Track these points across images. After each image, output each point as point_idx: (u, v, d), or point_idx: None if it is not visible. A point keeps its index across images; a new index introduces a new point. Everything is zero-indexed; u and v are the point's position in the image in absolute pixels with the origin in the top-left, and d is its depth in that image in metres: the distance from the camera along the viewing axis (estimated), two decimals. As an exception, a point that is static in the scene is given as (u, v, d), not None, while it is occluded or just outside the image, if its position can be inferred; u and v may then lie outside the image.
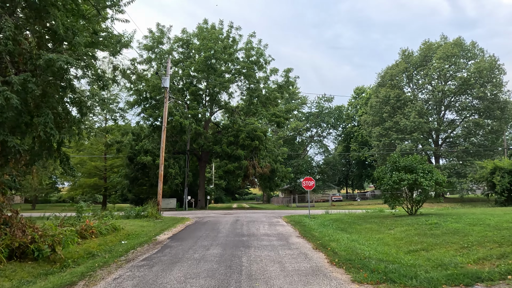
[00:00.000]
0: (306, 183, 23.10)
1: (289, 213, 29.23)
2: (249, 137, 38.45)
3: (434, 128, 46.12)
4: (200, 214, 28.30)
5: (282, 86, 44.71)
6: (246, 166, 38.18)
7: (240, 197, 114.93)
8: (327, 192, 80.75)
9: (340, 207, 40.00)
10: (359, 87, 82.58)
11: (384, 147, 48.00)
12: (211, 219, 21.36)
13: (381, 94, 49.09)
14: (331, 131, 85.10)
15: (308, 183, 23.11)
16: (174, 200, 39.52)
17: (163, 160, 25.27)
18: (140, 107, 39.93)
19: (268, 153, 42.56)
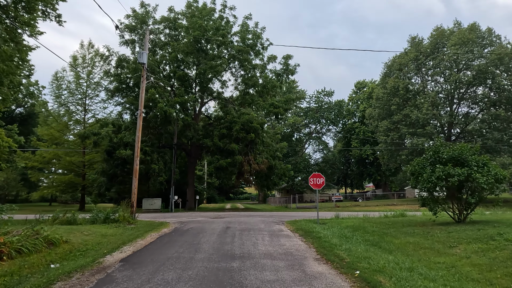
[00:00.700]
0: (315, 180, 18.71)
1: (291, 216, 24.81)
2: (244, 129, 33.98)
3: (448, 122, 41.91)
4: (186, 217, 23.77)
5: (281, 74, 40.29)
6: (240, 162, 33.72)
7: (234, 197, 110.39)
8: (326, 192, 76.56)
9: (346, 209, 35.64)
10: (360, 81, 78.45)
11: (392, 142, 43.74)
12: (195, 226, 16.85)
13: (389, 84, 44.80)
14: (331, 128, 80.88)
15: (317, 180, 18.73)
16: (159, 201, 34.95)
17: (138, 152, 20.71)
18: (122, 95, 35.30)
19: (265, 148, 38.10)
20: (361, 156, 72.90)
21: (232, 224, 17.08)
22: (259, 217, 23.54)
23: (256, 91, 38.78)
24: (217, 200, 73.78)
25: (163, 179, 31.52)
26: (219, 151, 34.37)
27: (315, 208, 37.70)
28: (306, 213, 28.87)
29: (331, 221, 18.98)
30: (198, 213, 29.58)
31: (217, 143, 33.61)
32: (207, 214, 27.28)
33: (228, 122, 34.98)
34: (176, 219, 21.94)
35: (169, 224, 18.35)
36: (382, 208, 36.01)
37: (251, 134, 33.67)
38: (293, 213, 30.49)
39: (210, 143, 34.00)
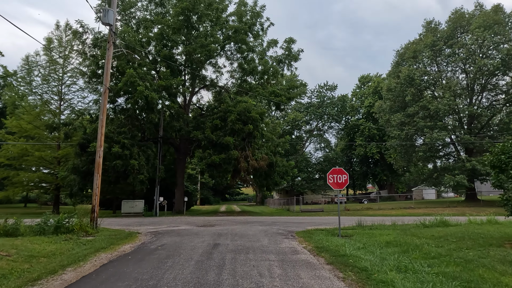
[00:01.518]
0: (335, 178, 13.94)
1: (298, 222, 19.99)
2: (241, 120, 29.14)
3: (471, 113, 37.19)
4: (167, 225, 18.88)
5: (283, 61, 35.53)
6: (236, 158, 28.88)
7: (230, 198, 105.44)
8: (328, 193, 71.80)
9: (358, 213, 30.85)
10: (364, 75, 73.84)
11: (407, 137, 38.98)
12: (169, 242, 11.95)
13: (402, 73, 40.04)
14: (333, 124, 76.10)
15: (338, 178, 13.97)
16: (141, 203, 30.00)
17: (101, 140, 15.85)
18: (99, 81, 30.30)
19: (265, 143, 33.29)
20: (365, 155, 68.22)
21: (223, 238, 12.19)
22: (258, 224, 18.69)
23: (254, 79, 34.00)
24: (211, 202, 68.82)
25: (144, 178, 26.58)
26: (211, 146, 29.51)
27: (321, 211, 32.92)
28: (315, 219, 24.04)
29: (357, 232, 14.16)
30: (185, 218, 24.67)
31: (209, 136, 28.75)
32: (195, 220, 22.38)
33: (222, 111, 30.15)
34: (153, 228, 17.06)
35: (137, 237, 13.49)
36: (400, 212, 31.30)
37: (248, 126, 28.84)
38: (299, 218, 25.65)
39: (201, 136, 29.13)
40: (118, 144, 26.47)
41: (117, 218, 26.60)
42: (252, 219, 23.17)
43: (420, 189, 70.83)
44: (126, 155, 26.06)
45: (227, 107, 29.85)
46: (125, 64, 26.34)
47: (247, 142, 30.35)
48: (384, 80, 69.35)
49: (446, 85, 37.22)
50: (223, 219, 23.94)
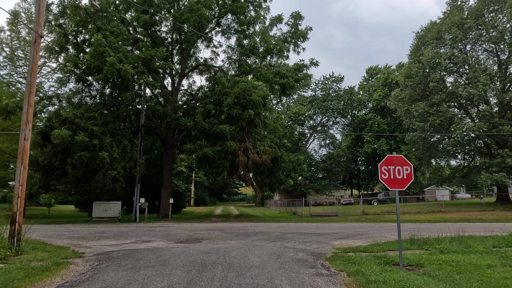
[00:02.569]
0: (391, 172, 8.59)
1: (316, 234, 14.64)
2: (239, 104, 23.78)
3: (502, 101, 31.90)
4: (134, 240, 13.48)
5: (288, 40, 30.17)
6: (233, 150, 23.51)
7: (228, 198, 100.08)
8: (333, 193, 66.51)
9: (381, 218, 25.56)
10: (372, 67, 68.50)
11: (430, 129, 33.68)
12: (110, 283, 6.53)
13: (425, 56, 34.73)
14: (338, 120, 70.79)
15: (398, 171, 8.61)
16: (117, 205, 24.54)
17: (30, 113, 10.48)
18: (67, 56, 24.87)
19: (269, 133, 27.97)
20: (374, 152, 62.96)
21: (206, 279, 6.72)
22: (264, 238, 13.29)
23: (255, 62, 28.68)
24: (207, 202, 63.39)
25: (118, 174, 21.12)
26: (203, 136, 24.14)
27: (335, 216, 27.57)
28: (334, 227, 18.66)
29: (424, 258, 8.80)
30: (167, 227, 19.27)
31: (201, 123, 23.35)
32: (179, 230, 16.98)
33: (217, 94, 24.76)
34: (113, 244, 11.75)
35: (68, 267, 8.15)
36: (432, 217, 26.01)
37: (248, 111, 23.46)
38: (312, 225, 20.28)
39: (191, 124, 23.73)
40: (86, 132, 21.06)
41: (83, 224, 21.18)
42: (253, 228, 17.78)
43: (432, 189, 65.65)
44: (94, 146, 20.62)
45: (222, 89, 24.49)
46: (94, 31, 20.89)
47: (247, 131, 24.98)
48: (394, 71, 64.26)
49: (478, 68, 31.92)
50: (216, 227, 18.56)
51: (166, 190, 28.83)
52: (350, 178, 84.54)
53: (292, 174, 27.91)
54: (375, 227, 19.10)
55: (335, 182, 67.79)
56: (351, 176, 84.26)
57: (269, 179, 27.03)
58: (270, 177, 27.04)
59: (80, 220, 24.99)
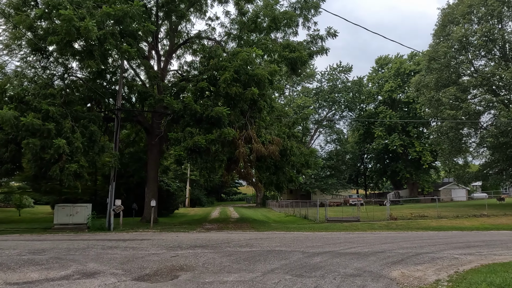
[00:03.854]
0: None
1: (351, 250, 9.53)
2: (239, 80, 18.72)
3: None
4: (73, 269, 8.44)
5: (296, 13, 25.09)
6: (232, 139, 18.51)
7: (227, 197, 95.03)
8: (340, 193, 61.53)
9: (414, 224, 20.58)
10: (382, 57, 63.35)
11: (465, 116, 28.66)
12: None
13: (454, 34, 29.74)
14: (345, 114, 65.75)
15: None
16: (86, 208, 19.35)
17: None
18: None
19: (277, 120, 22.99)
20: (386, 148, 57.94)
21: None
22: (282, 267, 8.14)
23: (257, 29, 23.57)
24: (203, 203, 58.27)
25: (79, 169, 16.06)
26: (195, 121, 19.10)
27: (357, 221, 22.52)
28: (369, 239, 13.57)
29: None
30: (143, 240, 14.22)
31: (191, 105, 18.28)
32: (153, 249, 11.90)
33: (212, 69, 19.69)
34: (26, 282, 6.66)
35: None
36: (477, 223, 21.01)
37: (252, 89, 18.39)
38: (339, 236, 15.24)
39: (179, 106, 18.66)
40: (39, 114, 16.00)
41: (34, 235, 16.10)
42: (261, 244, 12.75)
43: (448, 189, 60.63)
44: (49, 131, 15.55)
45: (218, 62, 19.43)
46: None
47: (249, 116, 19.95)
48: (406, 61, 59.24)
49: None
50: (209, 241, 13.52)
51: (151, 190, 23.82)
52: (356, 177, 79.60)
53: (303, 170, 22.85)
54: (423, 239, 14.12)
55: (342, 181, 62.78)
56: (357, 175, 79.32)
57: (276, 176, 21.98)
58: (277, 174, 22.00)
59: (41, 228, 19.90)
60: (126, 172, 27.23)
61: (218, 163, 19.33)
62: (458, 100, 29.24)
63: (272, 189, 22.55)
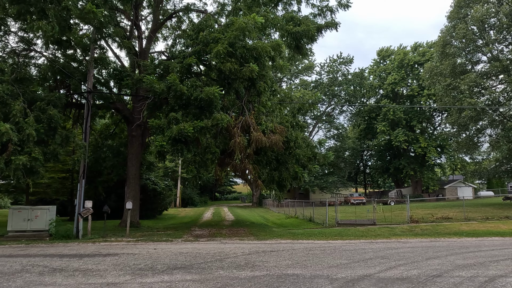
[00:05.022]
0: None
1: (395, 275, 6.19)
2: (235, 54, 15.36)
3: None
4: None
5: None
6: (226, 127, 15.16)
7: (221, 197, 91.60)
8: (340, 192, 58.34)
9: (441, 229, 17.43)
10: (384, 48, 60.16)
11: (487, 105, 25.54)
12: None
13: (475, 12, 26.57)
14: (345, 108, 62.56)
15: None
16: (49, 212, 15.79)
17: None
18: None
19: (279, 105, 19.64)
20: (389, 144, 54.86)
21: None
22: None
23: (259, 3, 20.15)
24: (196, 203, 54.73)
25: (31, 162, 12.57)
26: (181, 105, 15.71)
27: (372, 224, 19.26)
28: (404, 252, 10.22)
29: None
30: (107, 256, 10.78)
31: (176, 86, 14.84)
32: (116, 274, 8.46)
33: (202, 43, 16.25)
34: None
35: None
36: None
37: (250, 66, 15.01)
38: (364, 247, 11.95)
39: (160, 86, 15.21)
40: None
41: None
42: (267, 260, 9.42)
43: (453, 187, 57.66)
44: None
45: (209, 34, 16.01)
46: None
47: (247, 99, 16.56)
48: (409, 52, 56.17)
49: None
50: (195, 255, 10.16)
51: (131, 189, 20.40)
52: (356, 175, 76.56)
53: (310, 165, 19.48)
54: (472, 252, 10.89)
55: (342, 179, 59.64)
56: (356, 173, 76.28)
57: (278, 172, 18.61)
58: (279, 169, 18.64)
59: None
60: (106, 168, 23.76)
61: (209, 156, 15.91)
62: (479, 87, 26.12)
63: (273, 188, 19.21)
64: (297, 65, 58.38)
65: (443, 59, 30.67)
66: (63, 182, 27.90)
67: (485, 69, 26.67)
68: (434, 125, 57.44)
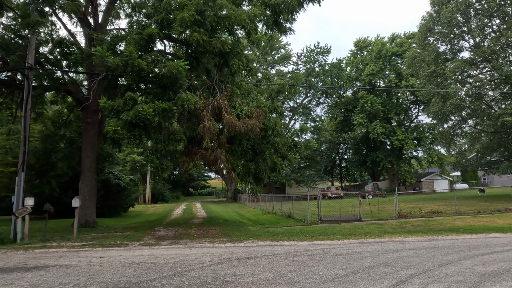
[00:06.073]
0: None
1: None
2: (203, 24, 13.02)
3: None
4: None
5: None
6: (194, 109, 12.86)
7: (195, 191, 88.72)
8: (318, 185, 56.90)
9: (434, 225, 15.84)
10: (362, 39, 58.87)
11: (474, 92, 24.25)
12: None
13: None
14: (322, 100, 61.11)
15: None
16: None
17: None
18: None
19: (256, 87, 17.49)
20: (366, 137, 53.81)
21: None
22: None
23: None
24: (167, 198, 51.91)
25: None
26: (140, 84, 13.26)
27: (358, 221, 17.50)
28: (405, 256, 8.28)
29: None
30: (27, 271, 8.29)
31: (133, 60, 12.36)
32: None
33: (165, 11, 13.78)
34: None
35: None
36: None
37: (222, 37, 12.73)
38: (354, 249, 9.95)
39: (115, 60, 12.69)
40: None
41: None
42: (241, 273, 7.27)
43: (430, 179, 57.38)
44: None
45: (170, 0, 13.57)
46: None
47: (219, 79, 14.28)
48: (387, 43, 55.16)
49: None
50: (148, 267, 7.88)
51: (87, 183, 17.75)
52: (332, 168, 75.62)
53: (290, 156, 17.41)
54: (483, 253, 9.14)
55: (319, 172, 58.30)
56: (332, 166, 75.34)
57: (255, 164, 16.44)
58: (256, 160, 16.48)
59: None
60: (60, 161, 20.89)
61: (173, 144, 13.52)
62: (464, 74, 24.82)
63: (249, 181, 17.06)
64: (274, 54, 56.38)
65: (426, 46, 29.29)
66: (14, 177, 24.78)
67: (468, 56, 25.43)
68: (411, 117, 56.84)
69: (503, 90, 24.54)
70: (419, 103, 52.98)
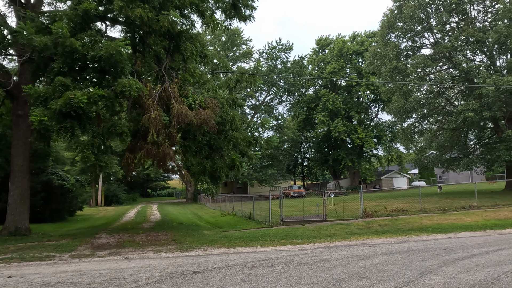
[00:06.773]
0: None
1: None
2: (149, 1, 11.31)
3: None
4: None
5: None
6: (138, 97, 11.10)
7: (154, 193, 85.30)
8: (280, 184, 56.05)
9: (402, 224, 15.06)
10: (323, 37, 58.60)
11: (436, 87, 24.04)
12: None
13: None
14: (284, 98, 60.37)
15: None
16: None
17: None
18: None
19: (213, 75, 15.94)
20: (328, 135, 53.59)
21: None
22: None
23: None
24: (121, 200, 48.84)
25: None
26: (74, 67, 11.31)
27: (323, 221, 16.39)
28: (379, 259, 7.16)
29: None
30: None
31: (64, 38, 10.44)
32: None
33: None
34: None
35: None
36: (477, 218, 16.00)
37: (170, 13, 11.10)
38: (321, 255, 8.64)
39: (43, 40, 10.68)
40: None
41: None
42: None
43: (389, 177, 58.29)
44: None
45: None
46: None
47: (169, 65, 12.60)
48: (348, 41, 55.30)
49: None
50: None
51: (18, 185, 15.43)
52: (294, 167, 75.28)
53: (250, 152, 15.99)
54: (461, 257, 8.19)
55: (281, 171, 57.54)
56: (294, 165, 75.01)
57: (211, 161, 14.87)
58: (212, 157, 14.91)
59: None
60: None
61: (114, 137, 11.68)
62: (425, 70, 24.58)
63: (205, 180, 15.47)
64: (235, 50, 54.91)
65: (387, 43, 28.96)
66: None
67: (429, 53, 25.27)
68: (371, 116, 57.38)
69: (462, 86, 24.56)
70: (379, 102, 53.47)
